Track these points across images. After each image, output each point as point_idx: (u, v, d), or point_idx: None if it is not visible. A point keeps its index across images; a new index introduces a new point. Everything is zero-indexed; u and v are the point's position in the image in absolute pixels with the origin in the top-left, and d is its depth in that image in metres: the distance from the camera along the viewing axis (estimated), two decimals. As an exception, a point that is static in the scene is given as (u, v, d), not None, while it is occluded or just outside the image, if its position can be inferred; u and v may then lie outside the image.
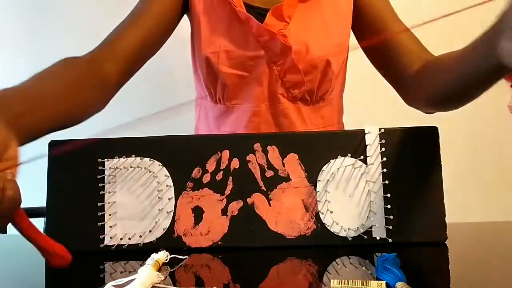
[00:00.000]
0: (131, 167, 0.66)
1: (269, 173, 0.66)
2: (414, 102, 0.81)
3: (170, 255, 0.60)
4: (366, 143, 0.66)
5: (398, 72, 0.82)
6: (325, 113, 0.89)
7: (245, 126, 0.85)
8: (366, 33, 0.89)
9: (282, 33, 0.81)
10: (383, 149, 0.66)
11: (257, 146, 0.67)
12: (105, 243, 0.65)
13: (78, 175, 0.67)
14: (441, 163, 0.66)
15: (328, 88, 0.86)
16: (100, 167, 0.67)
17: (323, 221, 0.65)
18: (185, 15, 0.90)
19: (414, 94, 0.79)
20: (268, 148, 0.67)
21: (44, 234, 0.50)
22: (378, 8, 0.87)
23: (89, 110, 0.70)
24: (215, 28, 0.84)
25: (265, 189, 0.66)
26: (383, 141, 0.66)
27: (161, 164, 0.67)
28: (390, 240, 0.64)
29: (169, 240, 0.65)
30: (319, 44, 0.83)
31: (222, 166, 0.67)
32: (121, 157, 0.67)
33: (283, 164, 0.67)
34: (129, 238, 0.65)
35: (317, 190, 0.66)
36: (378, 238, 0.64)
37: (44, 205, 0.67)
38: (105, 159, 0.67)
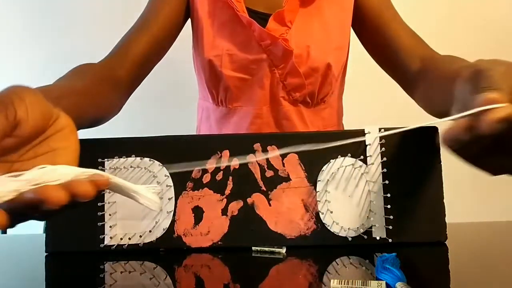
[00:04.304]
0: (131, 167, 0.66)
1: (269, 173, 0.66)
2: (419, 104, 0.80)
3: (169, 254, 0.60)
4: (366, 143, 0.66)
5: (401, 71, 0.82)
6: (325, 115, 0.89)
7: (247, 128, 0.85)
8: (367, 33, 0.89)
9: (283, 37, 0.81)
10: (383, 149, 0.66)
11: (257, 146, 0.67)
12: (105, 243, 0.65)
13: (78, 175, 0.67)
14: (441, 163, 0.66)
15: (328, 90, 0.87)
16: (100, 167, 0.67)
17: (323, 221, 0.65)
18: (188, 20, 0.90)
19: (416, 96, 0.79)
20: (268, 148, 0.67)
21: None
22: (377, 8, 0.87)
23: (109, 111, 0.73)
24: (218, 32, 0.84)
25: (265, 189, 0.66)
26: (383, 141, 0.66)
27: (161, 164, 0.67)
28: (390, 240, 0.64)
29: (169, 240, 0.65)
30: (320, 47, 0.84)
31: (222, 166, 0.67)
32: (121, 157, 0.67)
33: (283, 164, 0.67)
34: (129, 238, 0.65)
35: (317, 190, 0.66)
36: (378, 238, 0.64)
37: (44, 205, 0.67)
38: (105, 159, 0.67)
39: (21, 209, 0.36)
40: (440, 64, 0.72)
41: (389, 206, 0.64)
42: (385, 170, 0.65)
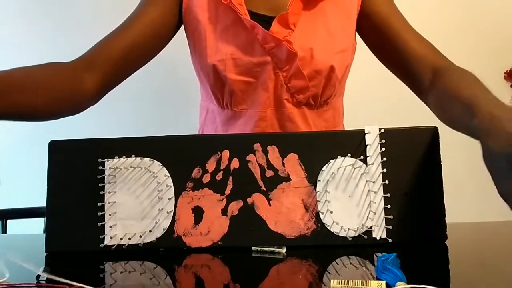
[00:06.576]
0: (131, 167, 0.66)
1: (269, 173, 0.66)
2: (433, 111, 0.79)
3: (169, 254, 0.60)
4: (366, 143, 0.66)
5: (414, 79, 0.82)
6: (328, 116, 0.90)
7: (252, 130, 0.85)
8: (375, 40, 0.88)
9: (287, 39, 0.81)
10: (383, 149, 0.66)
11: (257, 146, 0.67)
12: (105, 243, 0.65)
13: (78, 175, 0.67)
14: (441, 163, 0.66)
15: (332, 93, 0.87)
16: (100, 167, 0.67)
17: (323, 221, 0.65)
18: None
19: (429, 104, 0.79)
20: (268, 148, 0.67)
21: None
22: (386, 15, 0.86)
23: (55, 114, 0.73)
24: (221, 37, 0.84)
25: (265, 189, 0.66)
26: (383, 141, 0.66)
27: (161, 164, 0.67)
28: (390, 240, 0.64)
29: (169, 240, 0.65)
30: (323, 50, 0.84)
31: (222, 166, 0.67)
32: (121, 157, 0.67)
33: (283, 164, 0.67)
34: (129, 238, 0.65)
35: (317, 190, 0.66)
36: (378, 238, 0.64)
37: (44, 205, 0.67)
38: (105, 159, 0.67)
39: None
40: (451, 82, 0.71)
41: (389, 206, 0.64)
42: (385, 170, 0.65)
